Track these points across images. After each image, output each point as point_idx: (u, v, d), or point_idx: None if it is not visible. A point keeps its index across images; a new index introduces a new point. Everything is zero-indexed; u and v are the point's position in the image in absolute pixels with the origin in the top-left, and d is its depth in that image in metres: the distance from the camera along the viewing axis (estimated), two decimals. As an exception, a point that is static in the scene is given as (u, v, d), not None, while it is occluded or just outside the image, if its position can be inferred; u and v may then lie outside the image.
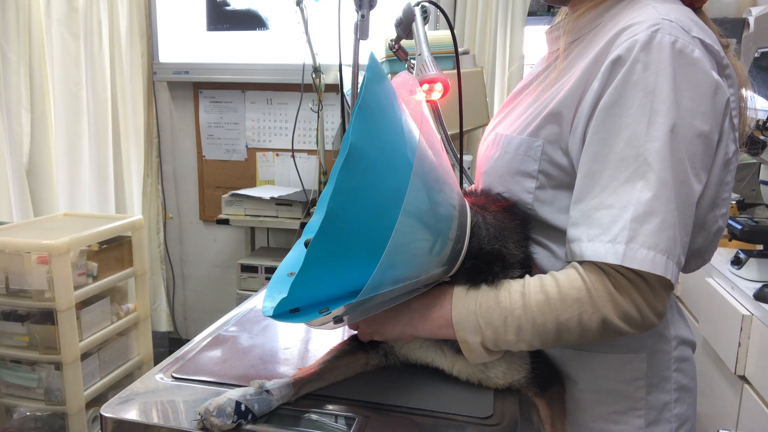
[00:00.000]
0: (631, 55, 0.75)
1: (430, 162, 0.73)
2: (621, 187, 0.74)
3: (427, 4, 1.30)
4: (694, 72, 0.75)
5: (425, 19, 1.30)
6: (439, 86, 1.16)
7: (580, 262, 0.77)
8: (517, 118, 0.93)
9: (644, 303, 0.74)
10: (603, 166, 0.76)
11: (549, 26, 0.99)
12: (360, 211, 0.68)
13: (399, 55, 1.43)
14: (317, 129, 2.98)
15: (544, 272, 0.80)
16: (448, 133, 1.25)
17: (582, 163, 0.79)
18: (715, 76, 0.77)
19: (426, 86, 1.17)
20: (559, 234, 0.86)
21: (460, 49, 1.44)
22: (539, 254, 0.91)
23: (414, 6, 1.29)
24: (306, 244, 0.93)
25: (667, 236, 0.73)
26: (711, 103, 0.76)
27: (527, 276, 0.80)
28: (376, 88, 0.68)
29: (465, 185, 1.12)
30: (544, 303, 0.75)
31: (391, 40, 1.41)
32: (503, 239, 0.83)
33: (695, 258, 0.91)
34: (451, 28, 1.25)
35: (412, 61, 1.39)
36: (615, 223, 0.74)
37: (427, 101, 1.20)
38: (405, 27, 1.33)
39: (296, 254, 0.94)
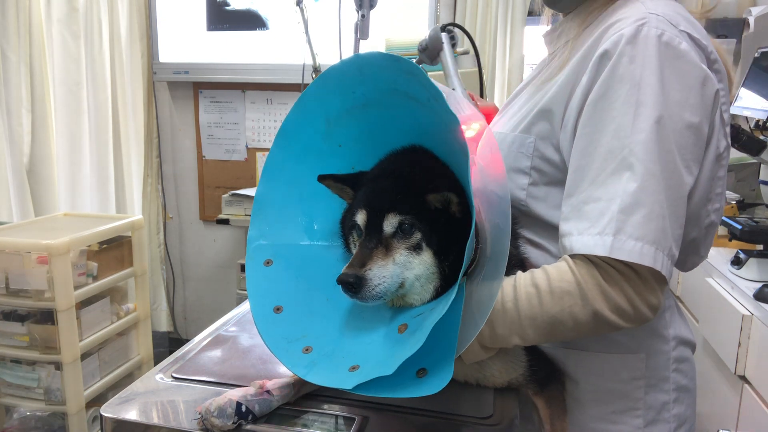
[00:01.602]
0: (618, 48, 0.76)
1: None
2: (608, 179, 0.74)
3: (453, 29, 1.26)
4: (682, 64, 0.76)
5: (453, 46, 1.26)
6: (475, 125, 1.15)
7: (572, 256, 0.76)
8: (512, 117, 0.94)
9: (636, 295, 0.73)
10: (591, 159, 0.76)
11: (546, 30, 1.01)
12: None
13: None
14: (317, 129, 2.98)
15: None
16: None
17: (572, 158, 0.80)
18: (704, 67, 0.77)
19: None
20: (552, 231, 0.86)
21: (459, 49, 1.43)
22: (534, 253, 0.91)
23: (441, 32, 1.24)
24: (266, 263, 0.83)
25: (655, 227, 0.73)
26: (700, 95, 0.76)
27: (519, 271, 0.80)
28: None
29: None
30: (534, 296, 0.75)
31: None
32: None
33: (692, 254, 0.91)
34: (477, 56, 1.21)
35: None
36: (603, 215, 0.74)
37: None
38: (431, 53, 1.27)
39: (263, 280, 0.81)
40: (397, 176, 0.78)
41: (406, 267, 0.74)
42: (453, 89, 1.19)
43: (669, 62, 0.75)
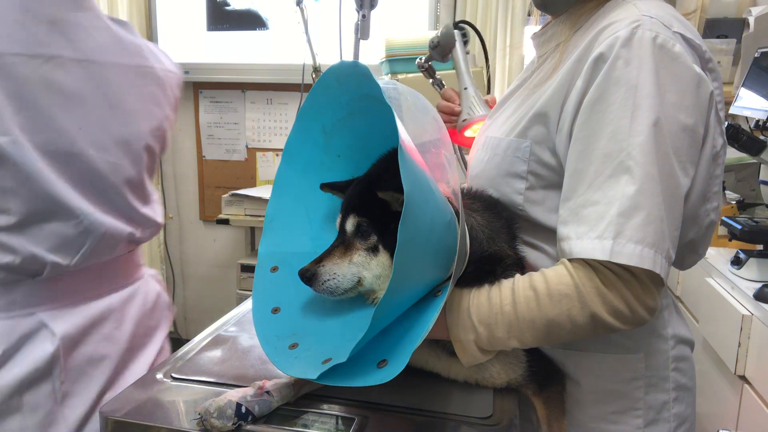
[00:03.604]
0: (613, 51, 0.76)
1: (432, 189, 0.73)
2: (606, 182, 0.74)
3: (466, 26, 1.26)
4: (676, 66, 0.76)
5: (465, 44, 1.26)
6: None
7: (570, 260, 0.77)
8: (505, 121, 0.94)
9: (633, 298, 0.74)
10: (588, 162, 0.76)
11: (535, 32, 1.01)
12: (414, 260, 0.68)
13: (426, 74, 1.39)
14: (317, 129, 2.98)
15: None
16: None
17: (568, 162, 0.80)
18: (698, 69, 0.77)
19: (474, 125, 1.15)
20: (550, 234, 0.86)
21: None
22: (532, 255, 0.91)
23: (454, 29, 1.24)
24: (272, 270, 0.88)
25: (654, 230, 0.73)
26: (695, 97, 0.77)
27: (518, 274, 0.80)
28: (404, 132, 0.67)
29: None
30: (532, 299, 0.75)
31: (420, 58, 1.37)
32: (498, 240, 0.83)
33: (690, 253, 0.91)
34: (486, 54, 1.21)
35: (437, 76, 1.37)
36: (602, 219, 0.74)
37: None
38: (441, 51, 1.26)
39: (267, 284, 0.86)
40: (367, 180, 0.81)
41: (364, 267, 0.78)
42: (465, 88, 1.19)
43: (664, 65, 0.75)
